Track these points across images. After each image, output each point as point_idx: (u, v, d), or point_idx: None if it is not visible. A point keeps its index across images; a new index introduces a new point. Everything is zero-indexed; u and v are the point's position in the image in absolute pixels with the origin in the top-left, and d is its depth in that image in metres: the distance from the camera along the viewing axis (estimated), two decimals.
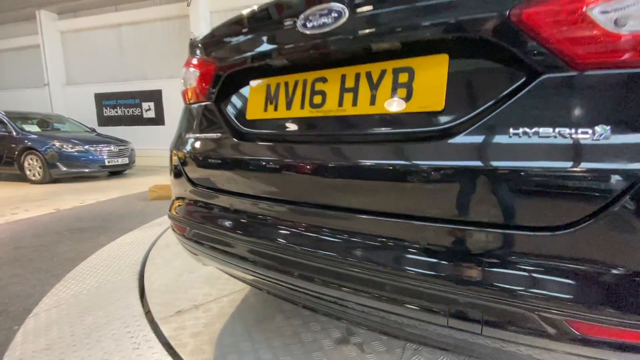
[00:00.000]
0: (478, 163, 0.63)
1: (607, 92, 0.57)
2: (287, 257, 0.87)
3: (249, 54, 0.98)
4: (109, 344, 1.32)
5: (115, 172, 7.19)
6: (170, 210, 1.28)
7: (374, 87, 0.78)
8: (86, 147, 6.43)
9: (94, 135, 7.30)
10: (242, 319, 1.48)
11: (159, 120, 9.33)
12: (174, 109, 9.19)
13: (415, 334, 0.82)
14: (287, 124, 0.92)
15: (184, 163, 1.16)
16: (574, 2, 0.57)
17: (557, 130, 0.58)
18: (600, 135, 0.56)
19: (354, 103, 0.80)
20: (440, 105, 0.69)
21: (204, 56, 1.10)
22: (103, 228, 3.28)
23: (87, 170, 6.42)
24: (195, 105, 1.16)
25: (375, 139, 0.78)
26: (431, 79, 0.71)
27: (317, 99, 0.86)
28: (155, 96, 9.19)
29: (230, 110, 1.05)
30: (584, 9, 0.57)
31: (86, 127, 7.86)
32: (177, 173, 1.20)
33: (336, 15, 0.76)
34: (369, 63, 0.79)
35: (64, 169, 6.20)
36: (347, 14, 0.75)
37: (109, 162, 6.65)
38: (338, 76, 0.83)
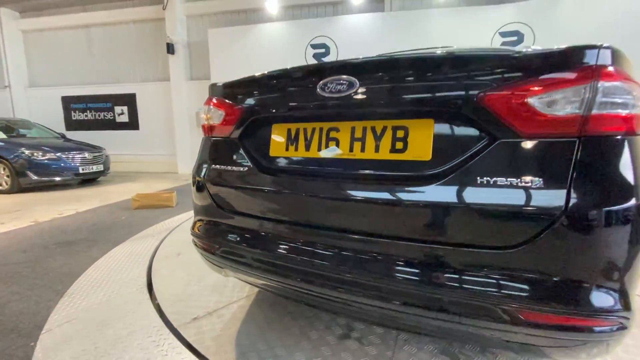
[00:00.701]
0: (455, 200, 0.89)
1: (541, 153, 0.85)
2: (300, 267, 1.10)
3: (274, 105, 1.19)
4: (136, 353, 1.47)
5: (88, 180, 6.98)
6: (193, 229, 1.46)
7: (377, 138, 1.02)
8: (58, 154, 6.22)
9: (66, 142, 7.05)
10: (254, 321, 1.67)
11: (133, 124, 9.10)
12: (148, 114, 9.01)
13: (409, 325, 1.07)
14: (306, 162, 1.14)
15: (211, 189, 1.34)
16: (520, 93, 0.85)
17: (508, 179, 0.85)
18: (536, 183, 0.83)
19: (362, 150, 1.04)
20: (428, 156, 0.95)
21: (231, 101, 1.30)
22: (91, 240, 3.30)
23: (58, 178, 6.21)
24: (220, 139, 1.35)
25: (378, 179, 1.02)
26: (421, 136, 0.97)
27: (332, 144, 1.09)
28: (128, 100, 8.96)
29: (253, 146, 1.26)
30: (526, 99, 0.84)
31: (55, 132, 7.55)
32: (203, 198, 1.38)
33: (349, 85, 1.00)
34: (374, 120, 1.03)
35: (35, 177, 5.97)
36: (357, 84, 0.99)
37: (82, 169, 6.46)
38: (349, 128, 1.07)
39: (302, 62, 7.42)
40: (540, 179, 0.83)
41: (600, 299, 0.80)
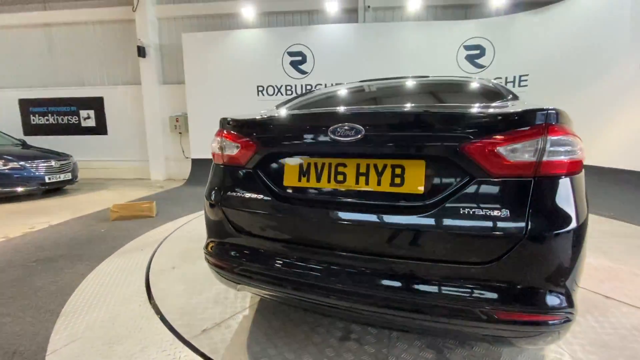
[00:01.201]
0: (443, 225, 1.12)
1: (507, 190, 1.10)
2: (310, 281, 1.29)
3: (289, 142, 1.37)
4: None
5: (52, 190, 6.64)
6: (207, 248, 1.60)
7: (379, 174, 1.23)
8: (22, 163, 5.90)
9: (28, 149, 6.67)
10: (261, 330, 1.83)
11: (100, 129, 8.74)
12: (118, 118, 8.70)
13: (406, 326, 1.30)
14: (317, 192, 1.33)
15: (228, 213, 1.49)
16: (491, 144, 1.09)
17: (483, 210, 1.10)
18: (504, 213, 1.08)
19: (366, 183, 1.25)
20: (421, 190, 1.17)
21: (246, 136, 1.45)
22: (74, 256, 3.24)
23: (21, 189, 5.88)
24: (235, 168, 1.50)
25: (380, 207, 1.23)
26: (415, 174, 1.19)
27: (340, 177, 1.29)
28: (95, 104, 8.59)
29: (268, 176, 1.42)
30: (496, 148, 1.09)
31: (14, 138, 7.11)
32: (220, 221, 1.52)
33: (356, 131, 1.20)
34: (376, 159, 1.24)
35: None
36: (363, 132, 1.20)
37: (49, 179, 6.16)
38: (354, 164, 1.27)
39: (279, 69, 7.55)
40: (507, 210, 1.08)
41: (552, 300, 1.07)
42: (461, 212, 1.11)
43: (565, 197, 1.09)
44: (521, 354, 1.59)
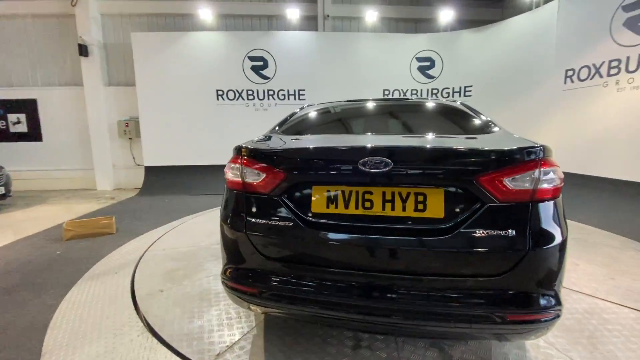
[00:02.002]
0: (463, 244, 1.32)
1: (512, 213, 1.33)
2: (344, 300, 1.41)
3: (317, 172, 1.46)
4: None
5: None
6: (225, 274, 1.61)
7: (404, 201, 1.39)
8: None
9: None
10: (276, 346, 1.88)
11: (33, 135, 7.75)
12: (55, 122, 7.80)
13: (422, 332, 1.48)
14: (346, 218, 1.44)
15: (254, 240, 1.52)
16: (499, 175, 1.31)
17: (494, 230, 1.31)
18: (510, 232, 1.31)
19: (392, 209, 1.40)
20: (442, 215, 1.36)
21: (271, 165, 1.51)
22: (34, 285, 2.92)
23: None
24: (259, 196, 1.54)
25: (405, 231, 1.39)
26: (436, 200, 1.37)
27: (367, 204, 1.42)
28: (27, 107, 7.60)
29: (295, 203, 1.50)
30: (503, 179, 1.31)
31: None
32: (244, 247, 1.55)
33: (385, 164, 1.35)
34: (400, 187, 1.40)
35: None
36: (392, 165, 1.35)
37: None
38: (380, 192, 1.41)
39: (239, 73, 7.42)
40: (513, 229, 1.31)
41: (547, 300, 1.32)
42: (477, 232, 1.31)
43: (554, 216, 1.35)
44: (506, 343, 1.88)
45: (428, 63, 7.74)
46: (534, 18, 6.51)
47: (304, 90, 7.61)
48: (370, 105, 2.48)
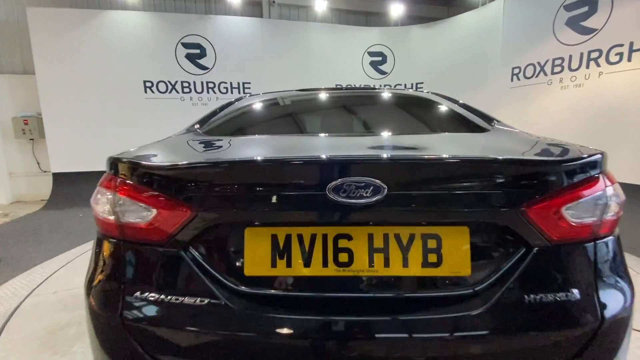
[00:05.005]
0: (506, 322, 0.78)
1: (570, 261, 0.83)
2: None
3: (252, 205, 0.80)
4: None
5: None
6: None
7: (404, 249, 0.81)
8: None
9: None
10: None
11: None
12: None
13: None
14: (304, 284, 0.82)
15: (133, 331, 0.82)
16: (557, 204, 0.80)
17: (548, 292, 0.80)
18: (571, 295, 0.80)
19: (386, 264, 0.81)
20: (468, 271, 0.81)
21: (168, 193, 0.81)
22: None
23: None
24: (146, 248, 0.84)
25: (410, 304, 0.81)
26: (457, 245, 0.82)
27: (343, 257, 0.81)
28: None
29: (213, 261, 0.83)
30: (561, 209, 0.80)
31: None
32: (119, 342, 0.84)
33: (375, 190, 0.75)
34: (398, 225, 0.82)
35: None
36: (386, 190, 0.75)
37: None
38: (365, 234, 0.82)
39: (172, 62, 6.38)
40: (575, 289, 0.81)
41: None
42: (525, 299, 0.79)
43: (621, 260, 0.88)
44: None
45: (380, 58, 7.44)
46: (480, 16, 6.52)
47: (249, 83, 6.81)
48: (332, 96, 1.83)
